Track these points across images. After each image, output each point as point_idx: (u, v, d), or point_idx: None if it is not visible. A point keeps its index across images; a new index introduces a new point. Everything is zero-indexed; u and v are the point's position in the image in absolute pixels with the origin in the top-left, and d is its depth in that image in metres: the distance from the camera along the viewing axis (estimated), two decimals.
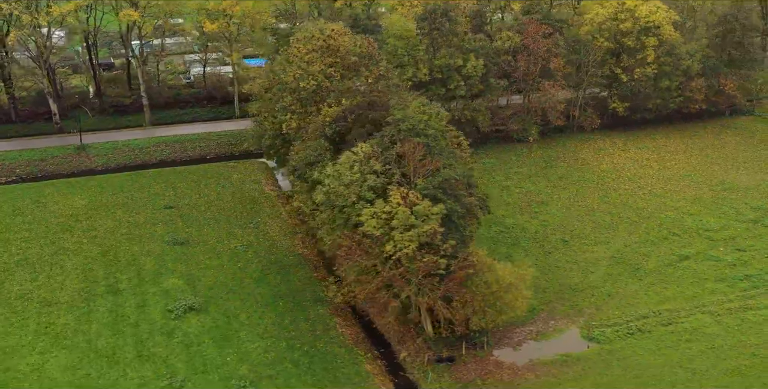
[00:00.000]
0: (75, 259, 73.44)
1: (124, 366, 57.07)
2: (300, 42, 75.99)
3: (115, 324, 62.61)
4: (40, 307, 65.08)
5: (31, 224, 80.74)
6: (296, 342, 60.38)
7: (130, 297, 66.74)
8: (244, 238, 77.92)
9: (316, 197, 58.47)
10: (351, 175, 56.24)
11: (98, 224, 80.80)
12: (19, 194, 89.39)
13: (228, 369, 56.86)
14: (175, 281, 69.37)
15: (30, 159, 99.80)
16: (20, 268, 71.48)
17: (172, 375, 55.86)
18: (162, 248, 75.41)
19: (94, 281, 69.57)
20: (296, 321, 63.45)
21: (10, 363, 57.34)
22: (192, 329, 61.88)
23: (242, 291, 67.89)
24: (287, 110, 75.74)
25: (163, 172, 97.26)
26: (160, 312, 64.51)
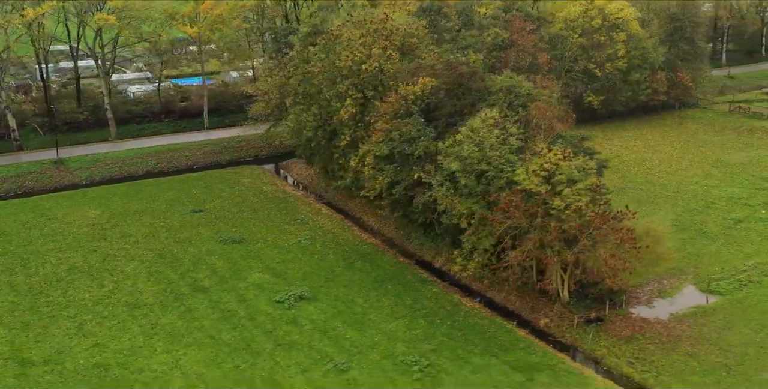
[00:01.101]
0: (131, 264, 67.51)
1: (270, 356, 52.74)
2: (347, 27, 74.23)
3: (228, 319, 57.84)
4: (128, 310, 59.19)
5: (53, 236, 73.62)
6: (434, 318, 58.10)
7: (222, 294, 61.97)
8: (300, 233, 74.44)
9: (449, 167, 56.72)
10: (494, 139, 55.20)
11: (132, 231, 74.77)
12: (14, 209, 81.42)
13: (383, 348, 53.77)
14: (261, 275, 65.15)
15: (5, 176, 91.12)
16: (76, 276, 64.98)
17: (330, 359, 52.15)
18: (221, 248, 70.78)
19: (170, 282, 64.10)
20: (417, 300, 61.09)
21: (140, 364, 51.71)
22: (315, 316, 58.17)
23: (339, 279, 64.68)
24: (342, 97, 73.33)
25: (163, 181, 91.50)
26: (268, 303, 60.29)
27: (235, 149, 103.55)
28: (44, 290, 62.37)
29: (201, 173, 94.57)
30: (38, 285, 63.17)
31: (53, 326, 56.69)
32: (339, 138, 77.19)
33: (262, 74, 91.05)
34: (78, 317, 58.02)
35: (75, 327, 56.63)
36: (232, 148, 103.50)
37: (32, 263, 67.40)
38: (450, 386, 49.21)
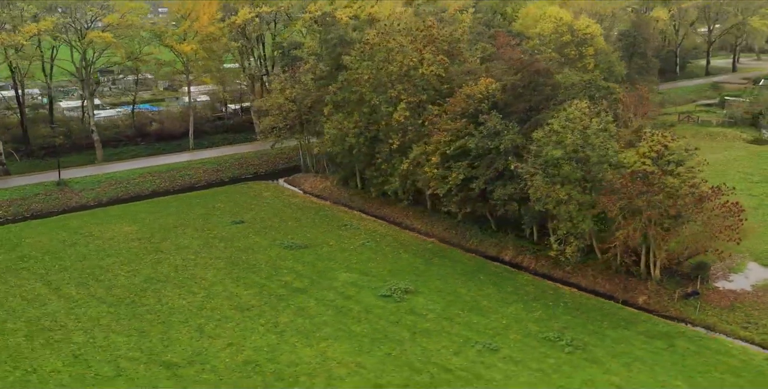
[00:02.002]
0: (208, 272, 66.40)
1: (413, 342, 53.45)
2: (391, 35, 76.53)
3: (345, 314, 58.13)
4: (239, 312, 58.43)
5: (105, 251, 71.31)
6: (545, 301, 60.37)
7: (323, 293, 62.04)
8: (357, 237, 75.27)
9: (551, 154, 59.46)
10: (595, 126, 58.67)
11: (185, 243, 73.44)
12: (43, 229, 78.34)
13: (516, 328, 55.57)
14: (349, 275, 65.59)
15: (10, 199, 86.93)
16: (158, 286, 63.30)
17: (475, 341, 53.42)
18: (290, 253, 70.69)
19: (261, 285, 63.56)
20: (517, 287, 63.27)
21: (289, 358, 51.35)
22: (431, 306, 59.35)
23: (428, 274, 65.98)
24: (392, 101, 75.17)
25: (180, 197, 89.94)
26: (375, 298, 60.95)
27: (235, 167, 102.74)
28: (135, 300, 60.37)
29: (213, 190, 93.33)
30: (125, 296, 61.04)
31: (171, 331, 55.07)
32: (382, 144, 78.50)
33: (277, 87, 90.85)
34: (191, 321, 56.56)
35: (195, 330, 55.20)
36: (231, 165, 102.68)
37: (103, 277, 64.96)
38: (605, 355, 51.26)
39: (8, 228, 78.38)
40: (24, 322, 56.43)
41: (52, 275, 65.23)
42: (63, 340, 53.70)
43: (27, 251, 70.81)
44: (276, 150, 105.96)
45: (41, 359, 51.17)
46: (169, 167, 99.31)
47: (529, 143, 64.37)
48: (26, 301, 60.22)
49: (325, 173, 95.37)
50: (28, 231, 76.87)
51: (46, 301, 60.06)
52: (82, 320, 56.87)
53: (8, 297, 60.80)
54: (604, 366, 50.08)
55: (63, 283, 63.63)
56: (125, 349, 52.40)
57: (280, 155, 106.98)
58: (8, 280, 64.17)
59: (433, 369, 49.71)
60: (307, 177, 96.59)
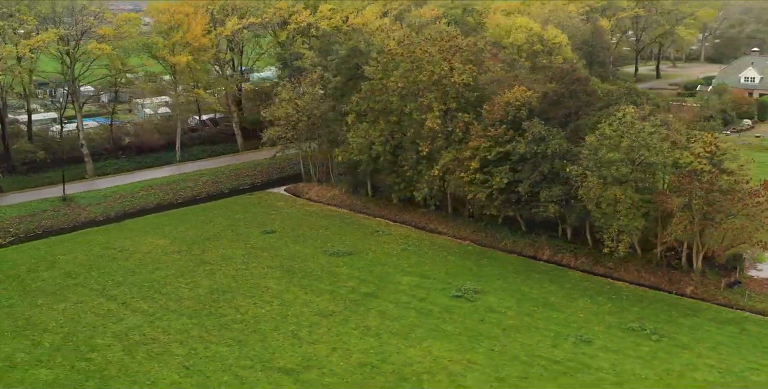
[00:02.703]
0: (269, 281, 67.24)
1: (506, 337, 56.07)
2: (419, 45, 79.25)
3: (428, 315, 60.24)
4: (324, 318, 59.68)
5: (151, 265, 70.91)
6: (609, 295, 64.15)
7: (395, 296, 63.97)
8: (395, 242, 77.35)
9: (608, 157, 63.35)
10: (649, 129, 63.11)
11: (228, 253, 73.84)
12: (69, 245, 76.82)
13: (596, 321, 58.90)
14: (410, 278, 67.75)
15: (18, 215, 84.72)
16: (227, 296, 63.66)
17: (566, 334, 56.52)
18: (341, 260, 72.17)
19: (330, 292, 64.89)
20: (574, 284, 66.85)
21: (399, 359, 53.05)
22: (506, 304, 62.18)
23: (484, 274, 68.80)
24: (423, 110, 77.79)
25: (193, 210, 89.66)
26: (448, 299, 63.31)
27: (232, 178, 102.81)
28: (213, 311, 60.67)
29: (223, 201, 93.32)
30: (200, 307, 61.22)
31: (268, 339, 55.89)
32: (407, 151, 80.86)
33: (285, 97, 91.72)
34: (282, 328, 57.47)
35: (291, 337, 56.19)
36: (228, 177, 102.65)
37: (164, 290, 64.78)
38: (690, 341, 55.37)
39: (33, 245, 76.53)
40: (112, 337, 55.90)
41: (111, 290, 64.46)
42: (164, 353, 53.60)
43: (70, 268, 69.46)
44: (268, 160, 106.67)
45: (153, 372, 51.05)
46: (168, 179, 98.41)
47: (574, 147, 68.03)
48: (100, 316, 59.48)
49: (330, 181, 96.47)
50: (56, 248, 75.19)
51: (122, 316, 59.51)
52: (171, 332, 56.72)
53: (80, 314, 59.90)
54: (694, 350, 53.99)
55: (127, 297, 63.01)
56: (233, 358, 52.79)
57: (273, 165, 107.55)
58: (68, 297, 63.10)
59: (542, 362, 52.36)
60: (310, 186, 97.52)
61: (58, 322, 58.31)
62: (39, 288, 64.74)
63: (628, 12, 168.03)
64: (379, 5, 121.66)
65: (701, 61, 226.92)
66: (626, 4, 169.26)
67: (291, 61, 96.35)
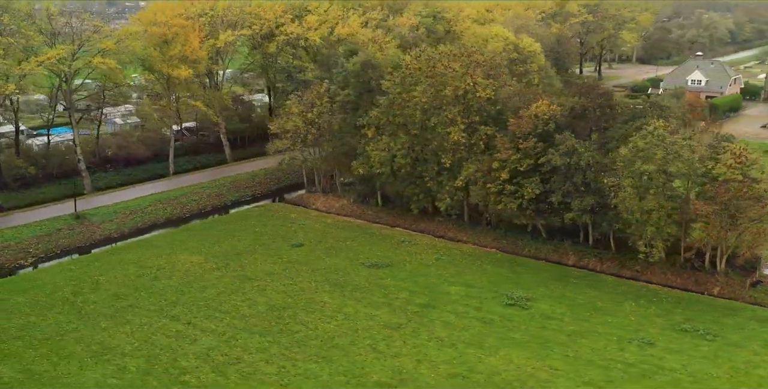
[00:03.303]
0: (320, 295, 68.72)
1: (574, 343, 59.25)
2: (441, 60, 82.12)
3: (491, 324, 62.85)
4: (394, 331, 61.74)
5: (195, 283, 71.43)
6: (651, 298, 68.31)
7: (453, 307, 66.17)
8: (425, 252, 79.67)
9: (644, 168, 67.56)
10: (682, 141, 67.71)
11: (267, 269, 74.93)
12: (103, 265, 76.26)
13: (647, 324, 62.90)
14: (458, 288, 70.36)
15: (35, 235, 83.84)
16: (288, 313, 64.87)
17: (629, 338, 60.23)
18: (382, 272, 73.97)
19: (388, 304, 66.87)
20: (614, 288, 70.88)
21: (483, 368, 55.61)
22: (559, 310, 65.42)
23: (524, 282, 71.96)
24: (446, 123, 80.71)
25: (209, 224, 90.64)
26: (503, 307, 66.25)
27: (233, 190, 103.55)
28: (282, 328, 61.96)
29: (234, 214, 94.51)
30: (267, 325, 62.42)
31: (351, 353, 57.65)
32: (427, 163, 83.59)
33: (294, 110, 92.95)
34: (358, 343, 59.31)
35: (371, 351, 58.07)
36: (230, 189, 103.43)
37: (224, 308, 65.67)
38: (741, 340, 59.96)
39: (64, 266, 75.90)
40: (196, 359, 56.68)
41: (169, 311, 64.93)
42: (255, 372, 54.82)
43: (115, 289, 69.39)
44: (264, 171, 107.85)
45: None
46: (172, 194, 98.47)
47: (605, 159, 72.08)
48: (172, 338, 60.04)
49: (336, 191, 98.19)
50: (90, 269, 74.72)
51: (194, 336, 60.21)
52: (251, 351, 57.86)
53: (150, 336, 60.29)
54: (748, 349, 58.55)
55: (190, 317, 63.63)
56: (326, 375, 54.45)
57: (269, 176, 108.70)
58: (129, 319, 63.30)
59: (617, 365, 55.97)
60: (315, 196, 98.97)
61: (132, 345, 58.52)
62: (95, 311, 64.51)
63: (578, 17, 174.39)
64: (359, 14, 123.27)
65: (633, 61, 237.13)
66: (576, 10, 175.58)
67: (293, 74, 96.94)
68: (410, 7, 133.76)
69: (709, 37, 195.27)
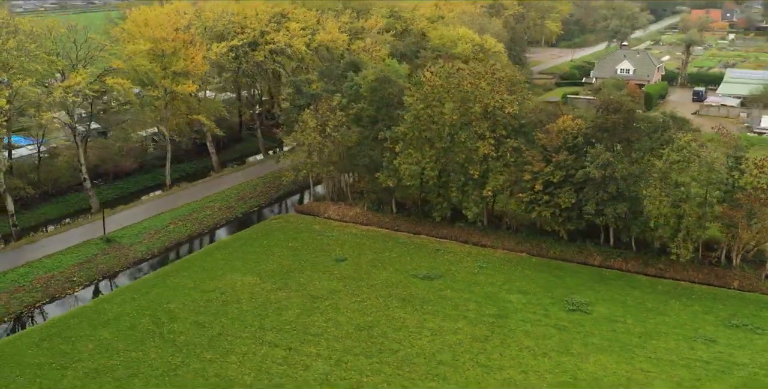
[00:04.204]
0: (394, 311, 72.32)
1: (653, 344, 66.22)
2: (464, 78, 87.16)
3: (566, 330, 68.74)
4: (485, 344, 66.72)
5: (267, 306, 73.52)
6: (690, 297, 76.31)
7: (521, 315, 71.84)
8: (464, 261, 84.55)
9: (681, 180, 75.11)
10: (713, 154, 75.73)
11: (327, 286, 77.69)
12: (164, 292, 77.19)
13: (701, 319, 70.81)
14: (515, 296, 75.93)
15: (75, 263, 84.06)
16: (378, 331, 68.41)
17: (691, 336, 67.69)
18: (436, 284, 78.29)
19: (462, 316, 71.25)
20: (651, 287, 78.43)
21: (585, 375, 62.14)
22: (616, 312, 72.00)
23: (569, 286, 78.14)
24: (474, 137, 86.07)
25: (237, 241, 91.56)
26: (567, 313, 72.43)
27: (240, 202, 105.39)
28: (381, 348, 65.32)
29: (255, 228, 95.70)
30: (364, 345, 65.65)
31: (460, 369, 62.28)
32: (456, 175, 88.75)
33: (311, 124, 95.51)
34: (460, 358, 63.98)
35: (477, 366, 62.82)
36: (237, 201, 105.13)
37: (312, 330, 68.45)
38: None
39: (125, 295, 76.05)
40: (319, 385, 59.94)
41: (262, 336, 67.38)
42: None
43: (194, 318, 70.95)
44: (262, 180, 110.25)
45: None
46: (184, 210, 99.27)
47: (635, 169, 79.26)
48: (285, 365, 62.88)
49: (347, 199, 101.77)
50: (151, 296, 75.44)
51: (303, 362, 63.18)
52: (367, 373, 61.53)
53: (261, 365, 62.78)
54: None
55: (287, 342, 66.26)
56: None
57: (268, 184, 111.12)
58: (229, 348, 65.26)
59: (696, 364, 63.24)
60: (324, 205, 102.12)
61: (250, 376, 61.18)
62: (189, 342, 66.31)
63: (511, 10, 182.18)
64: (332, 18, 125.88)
65: (542, 45, 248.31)
66: (509, 3, 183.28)
67: (300, 87, 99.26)
68: (374, 10, 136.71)
69: (631, 26, 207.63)
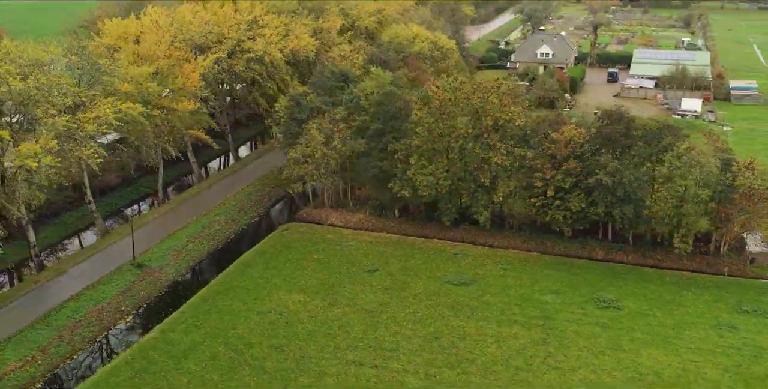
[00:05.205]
0: (451, 320, 78.10)
1: (687, 335, 75.72)
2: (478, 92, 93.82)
3: (608, 327, 77.46)
4: (546, 347, 74.37)
5: (334, 324, 77.39)
6: (698, 287, 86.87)
7: (563, 315, 79.42)
8: (486, 265, 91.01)
9: (683, 183, 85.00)
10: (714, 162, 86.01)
11: (374, 299, 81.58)
12: (225, 317, 79.49)
13: (717, 308, 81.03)
14: (549, 297, 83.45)
15: (118, 292, 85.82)
16: (443, 342, 73.82)
17: (714, 325, 77.45)
18: (474, 289, 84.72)
19: (512, 321, 78.09)
20: (660, 279, 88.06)
21: (639, 370, 71.16)
22: (644, 307, 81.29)
23: (588, 282, 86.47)
24: (489, 148, 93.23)
25: (259, 256, 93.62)
26: (600, 310, 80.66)
27: (240, 213, 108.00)
28: (459, 358, 71.49)
29: (270, 242, 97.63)
30: (445, 357, 71.20)
31: (539, 374, 69.41)
32: (466, 182, 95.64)
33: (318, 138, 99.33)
34: (532, 362, 70.81)
35: (550, 369, 69.84)
36: (238, 212, 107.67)
37: (386, 345, 73.50)
38: None
39: (188, 323, 77.97)
40: None
41: (345, 356, 71.23)
42: None
43: (268, 342, 73.61)
44: (253, 189, 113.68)
45: None
46: (194, 227, 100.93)
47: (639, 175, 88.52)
48: (381, 383, 67.64)
49: (347, 206, 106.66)
50: (213, 322, 77.51)
51: (399, 378, 67.81)
52: (459, 385, 68.14)
53: (357, 384, 67.29)
54: None
55: (370, 360, 70.59)
56: None
57: (260, 192, 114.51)
58: (323, 371, 68.43)
59: (731, 351, 72.75)
60: (325, 212, 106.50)
61: None
62: (277, 367, 69.43)
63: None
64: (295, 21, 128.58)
65: None
66: None
67: (297, 100, 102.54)
68: (328, 8, 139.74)
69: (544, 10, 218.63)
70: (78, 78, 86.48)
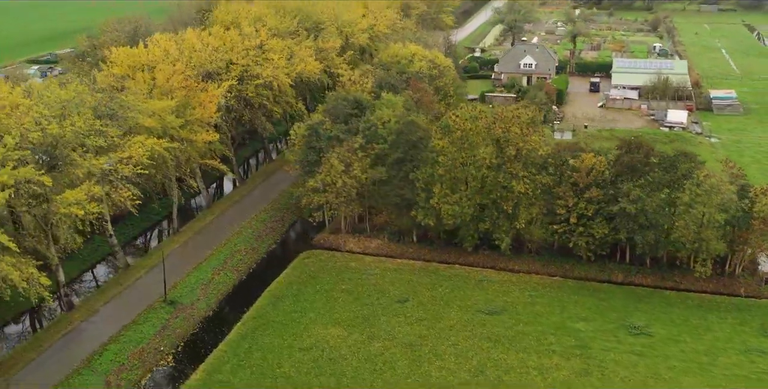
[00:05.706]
0: (494, 353, 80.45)
1: (721, 360, 78.96)
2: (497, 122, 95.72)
3: (645, 356, 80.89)
4: (589, 378, 77.58)
5: (386, 357, 78.50)
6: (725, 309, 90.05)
7: (597, 343, 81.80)
8: (512, 292, 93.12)
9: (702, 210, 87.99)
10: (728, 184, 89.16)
11: (412, 331, 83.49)
12: (281, 355, 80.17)
13: (744, 331, 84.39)
14: (580, 324, 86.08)
15: (155, 332, 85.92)
16: (491, 375, 75.75)
17: (742, 349, 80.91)
18: (506, 319, 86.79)
19: (551, 351, 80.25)
20: (685, 302, 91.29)
21: None
22: (672, 331, 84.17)
23: (615, 307, 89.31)
24: (512, 177, 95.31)
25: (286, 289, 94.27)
26: (633, 337, 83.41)
27: (259, 240, 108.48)
28: None
29: (294, 273, 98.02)
30: None
31: None
32: (489, 210, 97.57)
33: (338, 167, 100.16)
34: None
35: None
36: (256, 240, 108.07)
37: (435, 381, 76.38)
38: None
39: (229, 362, 78.75)
40: None
41: None
42: None
43: (316, 381, 75.47)
44: (267, 215, 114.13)
45: None
46: (217, 259, 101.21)
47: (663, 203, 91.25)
48: None
49: (364, 232, 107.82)
50: (254, 361, 78.00)
51: None
52: None
53: None
54: None
55: None
56: None
57: (273, 218, 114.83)
58: None
59: (765, 376, 76.57)
60: (343, 237, 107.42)
61: None
62: None
63: (419, 9, 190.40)
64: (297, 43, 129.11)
65: None
66: (415, 3, 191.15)
67: (315, 129, 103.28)
68: (327, 29, 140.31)
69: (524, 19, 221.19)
70: (107, 116, 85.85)
